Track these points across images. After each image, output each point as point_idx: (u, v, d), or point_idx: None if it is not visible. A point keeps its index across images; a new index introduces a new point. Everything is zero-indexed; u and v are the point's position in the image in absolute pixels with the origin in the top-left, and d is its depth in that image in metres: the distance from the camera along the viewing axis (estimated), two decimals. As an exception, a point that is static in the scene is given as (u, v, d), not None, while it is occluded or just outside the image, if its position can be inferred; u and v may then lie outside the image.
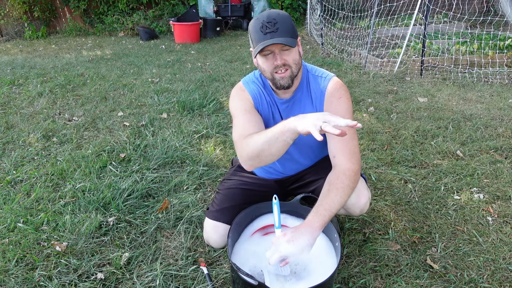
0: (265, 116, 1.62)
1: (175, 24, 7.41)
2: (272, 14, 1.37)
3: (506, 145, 2.76)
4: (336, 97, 1.53)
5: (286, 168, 1.79)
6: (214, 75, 4.88)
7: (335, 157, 1.49)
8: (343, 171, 1.43)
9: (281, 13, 1.39)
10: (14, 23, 8.81)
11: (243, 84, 1.64)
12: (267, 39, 1.35)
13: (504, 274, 1.63)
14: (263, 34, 1.36)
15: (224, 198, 1.75)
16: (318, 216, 1.34)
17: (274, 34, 1.35)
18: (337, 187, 1.39)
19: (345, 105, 1.52)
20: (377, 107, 3.60)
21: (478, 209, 2.06)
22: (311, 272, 1.41)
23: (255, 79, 1.63)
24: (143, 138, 3.01)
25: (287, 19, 1.39)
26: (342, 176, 1.42)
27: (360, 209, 1.62)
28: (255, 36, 1.38)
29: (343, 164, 1.45)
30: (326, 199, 1.38)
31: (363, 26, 6.21)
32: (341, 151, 1.47)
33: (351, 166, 1.45)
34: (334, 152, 1.50)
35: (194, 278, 1.62)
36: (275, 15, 1.37)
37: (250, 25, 1.42)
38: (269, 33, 1.35)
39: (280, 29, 1.35)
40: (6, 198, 2.23)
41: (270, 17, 1.36)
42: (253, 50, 1.44)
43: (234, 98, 1.61)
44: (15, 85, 4.59)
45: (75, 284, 1.60)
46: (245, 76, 1.69)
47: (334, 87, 1.54)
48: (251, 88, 1.61)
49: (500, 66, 4.70)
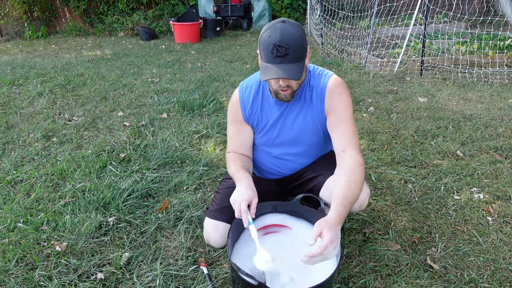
0: (260, 119, 1.67)
1: (175, 24, 7.41)
2: (285, 38, 1.33)
3: (506, 145, 2.76)
4: (337, 93, 1.55)
5: (285, 168, 1.79)
6: (214, 75, 4.88)
7: (345, 151, 1.51)
8: (358, 164, 1.46)
9: (294, 36, 1.34)
10: (14, 23, 8.82)
11: (239, 91, 1.69)
12: (276, 63, 1.36)
13: (504, 274, 1.63)
14: (272, 56, 1.35)
15: (223, 198, 1.75)
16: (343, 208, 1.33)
17: (283, 60, 1.35)
18: (355, 179, 1.42)
19: (345, 101, 1.55)
20: (377, 107, 3.60)
21: (478, 209, 2.06)
22: (311, 272, 1.41)
23: (254, 84, 1.67)
24: (143, 138, 3.01)
25: (299, 42, 1.36)
26: (358, 168, 1.45)
27: (360, 204, 1.62)
28: (264, 53, 1.38)
29: (355, 157, 1.48)
30: (341, 192, 1.37)
31: (363, 26, 6.21)
32: (350, 145, 1.51)
33: (361, 159, 1.49)
34: (343, 146, 1.52)
35: (194, 278, 1.62)
36: (288, 39, 1.33)
37: (262, 37, 1.39)
38: (279, 57, 1.35)
39: (290, 55, 1.35)
40: (6, 198, 2.23)
41: (283, 41, 1.33)
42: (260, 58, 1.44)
43: (229, 106, 1.75)
44: (15, 85, 4.59)
45: (75, 284, 1.60)
46: (246, 79, 1.73)
47: (334, 84, 1.56)
48: (244, 97, 1.67)
49: (500, 66, 4.70)
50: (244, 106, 1.67)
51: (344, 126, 1.54)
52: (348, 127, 1.53)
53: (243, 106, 1.67)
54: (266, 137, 1.70)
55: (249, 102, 1.66)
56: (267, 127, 1.67)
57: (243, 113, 1.68)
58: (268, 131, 1.68)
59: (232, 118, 1.73)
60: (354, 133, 1.54)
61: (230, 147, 1.78)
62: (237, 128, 1.73)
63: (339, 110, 1.55)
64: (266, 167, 1.83)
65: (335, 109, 1.55)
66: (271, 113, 1.65)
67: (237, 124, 1.72)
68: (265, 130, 1.69)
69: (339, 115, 1.55)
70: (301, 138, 1.67)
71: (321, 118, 1.61)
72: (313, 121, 1.62)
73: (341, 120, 1.54)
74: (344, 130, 1.54)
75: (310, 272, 1.41)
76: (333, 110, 1.56)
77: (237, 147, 1.76)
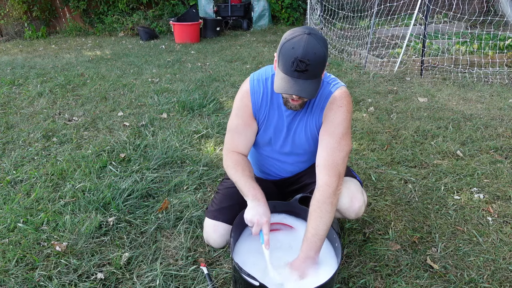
0: (265, 120, 1.62)
1: (175, 24, 7.41)
2: (308, 54, 1.28)
3: (506, 145, 2.76)
4: (337, 105, 1.51)
5: (283, 170, 1.78)
6: (214, 75, 4.87)
7: (318, 167, 1.49)
8: (322, 189, 1.44)
9: (317, 52, 1.29)
10: (14, 23, 8.81)
11: (250, 83, 1.61)
12: (294, 77, 1.32)
13: (504, 274, 1.63)
14: (291, 69, 1.31)
15: (223, 198, 1.75)
16: (311, 244, 1.39)
17: (301, 75, 1.31)
18: (319, 205, 1.42)
19: (342, 116, 1.50)
20: (377, 107, 3.60)
21: (478, 209, 2.06)
22: (311, 273, 1.41)
23: (265, 79, 1.60)
24: (143, 138, 3.01)
25: (321, 60, 1.31)
26: (323, 196, 1.43)
27: (355, 213, 1.59)
28: (283, 63, 1.33)
29: (323, 176, 1.45)
30: (311, 224, 1.41)
31: (363, 26, 6.21)
32: (324, 161, 1.47)
33: (328, 180, 1.44)
34: (318, 161, 1.50)
35: (194, 278, 1.62)
36: (311, 56, 1.28)
37: (284, 47, 1.32)
38: (298, 72, 1.31)
39: (310, 71, 1.31)
40: (6, 198, 2.23)
41: (305, 57, 1.28)
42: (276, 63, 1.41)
43: (237, 98, 1.64)
44: (15, 85, 4.59)
45: (75, 284, 1.60)
46: (257, 72, 1.64)
47: (339, 95, 1.52)
48: (255, 90, 1.59)
49: (500, 66, 4.70)
50: (255, 99, 1.59)
51: (329, 140, 1.48)
52: (332, 142, 1.47)
53: (254, 99, 1.59)
54: (268, 137, 1.66)
55: (260, 96, 1.59)
56: (271, 126, 1.63)
57: (253, 106, 1.60)
58: (271, 131, 1.65)
59: (241, 111, 1.62)
60: (339, 149, 1.47)
61: (232, 144, 1.65)
62: (244, 122, 1.62)
63: (332, 123, 1.50)
64: (263, 169, 1.82)
65: (329, 121, 1.51)
66: (278, 113, 1.61)
67: (245, 117, 1.61)
68: (269, 130, 1.64)
69: (330, 128, 1.50)
70: (300, 145, 1.65)
71: (318, 125, 1.57)
72: (311, 129, 1.59)
73: (330, 134, 1.49)
74: (326, 145, 1.49)
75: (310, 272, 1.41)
76: (327, 121, 1.52)
77: (240, 146, 1.64)
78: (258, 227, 1.42)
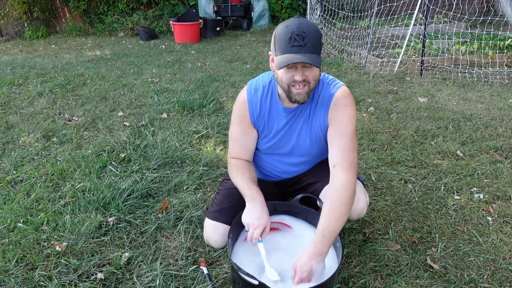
0: (267, 125, 1.62)
1: (175, 24, 7.41)
2: (302, 26, 1.32)
3: (506, 145, 2.76)
4: (342, 105, 1.51)
5: (284, 172, 1.78)
6: (214, 75, 4.87)
7: (335, 167, 1.48)
8: (344, 186, 1.42)
9: (311, 25, 1.34)
10: (14, 23, 8.81)
11: (247, 92, 1.62)
12: (293, 52, 1.33)
13: (504, 274, 1.63)
14: (290, 46, 1.32)
15: (223, 199, 1.75)
16: (326, 240, 1.36)
17: (301, 49, 1.32)
18: (339, 205, 1.39)
19: (349, 115, 1.50)
20: (377, 107, 3.60)
21: (478, 209, 2.06)
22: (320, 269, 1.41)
23: (263, 87, 1.61)
24: (143, 138, 3.01)
25: (316, 33, 1.35)
26: (344, 190, 1.41)
27: (358, 214, 1.60)
28: (281, 45, 1.35)
29: (343, 176, 1.44)
30: (330, 221, 1.38)
31: (363, 26, 6.21)
32: (341, 161, 1.47)
33: (349, 178, 1.44)
34: (334, 161, 1.49)
35: (194, 278, 1.62)
36: (306, 28, 1.32)
37: (278, 31, 1.37)
38: (297, 47, 1.32)
39: (308, 44, 1.32)
40: (6, 198, 2.23)
41: (300, 29, 1.32)
42: (273, 56, 1.42)
43: (235, 108, 1.67)
44: (15, 85, 4.59)
45: (75, 284, 1.60)
46: (254, 80, 1.66)
47: (342, 95, 1.52)
48: (253, 99, 1.61)
49: (500, 66, 4.70)
50: (252, 108, 1.61)
51: (341, 141, 1.49)
52: (344, 143, 1.48)
53: (251, 109, 1.61)
54: (269, 144, 1.67)
55: (258, 105, 1.60)
56: (271, 133, 1.63)
57: (251, 116, 1.62)
58: (272, 138, 1.65)
59: (239, 120, 1.65)
60: (351, 149, 1.48)
61: (233, 151, 1.70)
62: (243, 131, 1.65)
63: (340, 123, 1.50)
64: (266, 171, 1.82)
65: (337, 121, 1.51)
66: (278, 120, 1.61)
67: (244, 126, 1.65)
68: (269, 137, 1.65)
69: (339, 129, 1.50)
70: (304, 149, 1.65)
71: (323, 127, 1.57)
72: (316, 132, 1.59)
73: (340, 134, 1.50)
74: (339, 145, 1.49)
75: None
76: (335, 122, 1.52)
77: (242, 152, 1.68)
78: (252, 230, 1.42)
